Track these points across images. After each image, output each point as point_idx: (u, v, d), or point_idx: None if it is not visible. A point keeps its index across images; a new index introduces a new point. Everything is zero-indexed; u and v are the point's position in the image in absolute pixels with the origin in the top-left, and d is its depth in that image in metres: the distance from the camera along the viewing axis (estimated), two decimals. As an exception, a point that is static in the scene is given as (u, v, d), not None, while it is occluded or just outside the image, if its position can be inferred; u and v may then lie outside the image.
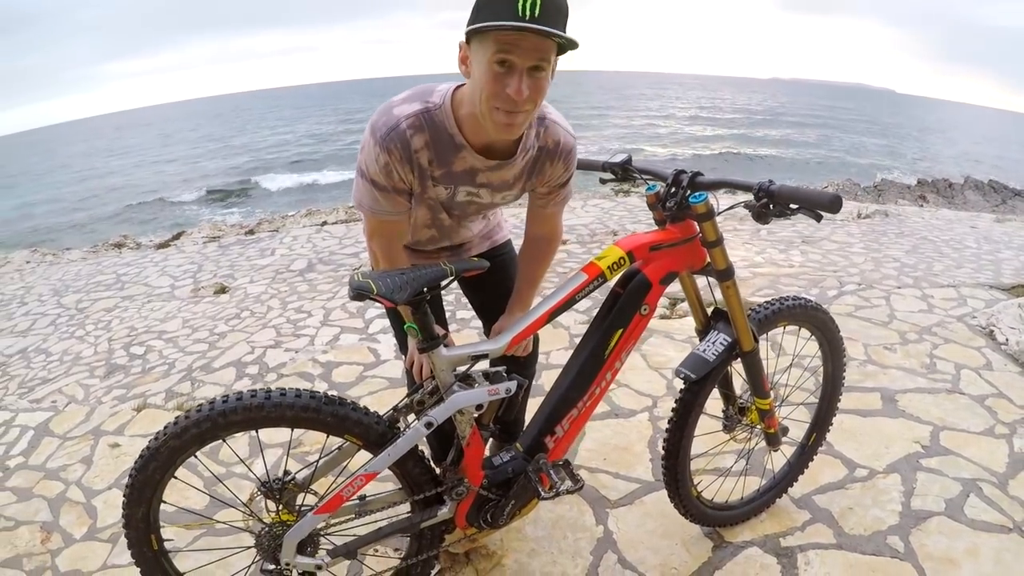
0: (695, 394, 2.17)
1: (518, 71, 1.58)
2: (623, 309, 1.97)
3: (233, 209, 28.63)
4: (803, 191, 1.70)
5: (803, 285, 5.62)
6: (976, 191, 23.79)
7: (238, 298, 6.53)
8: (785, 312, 2.29)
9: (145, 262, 8.95)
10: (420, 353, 1.83)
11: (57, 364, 5.49)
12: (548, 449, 2.04)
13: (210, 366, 4.86)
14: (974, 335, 4.57)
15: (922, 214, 10.36)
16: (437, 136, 1.80)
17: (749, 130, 57.55)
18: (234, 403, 1.68)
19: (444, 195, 1.93)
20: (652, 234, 1.96)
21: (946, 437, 3.31)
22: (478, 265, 1.83)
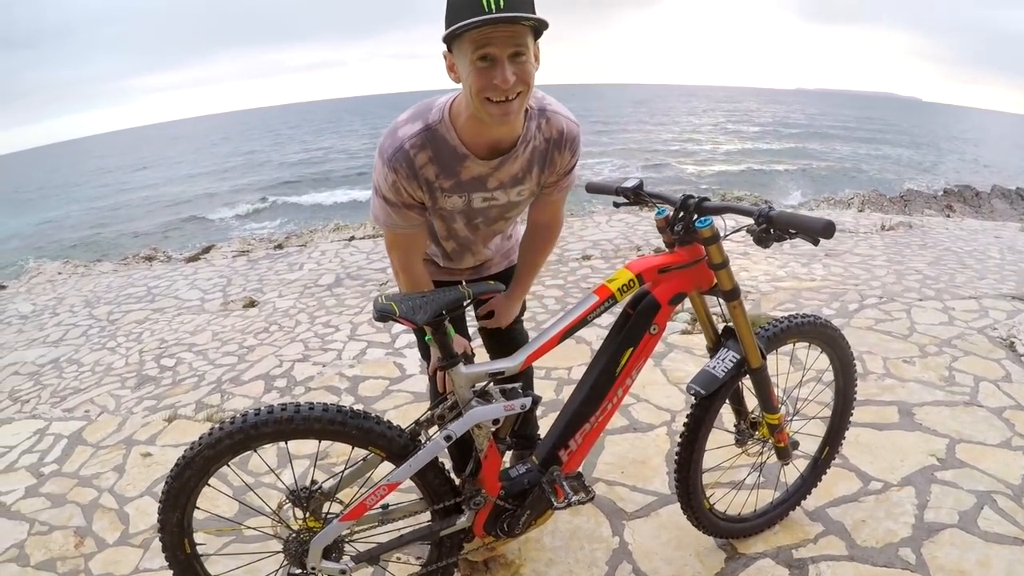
0: (705, 409, 2.24)
1: (500, 61, 1.65)
2: (633, 329, 2.05)
3: (264, 223, 28.91)
4: (799, 217, 1.77)
5: (824, 299, 5.65)
6: (1003, 199, 23.62)
7: (267, 312, 6.65)
8: (794, 330, 2.35)
9: (175, 275, 9.12)
10: (440, 370, 1.92)
11: (89, 374, 5.61)
12: (562, 462, 2.11)
13: (239, 379, 4.98)
14: (994, 347, 4.58)
15: (946, 225, 10.31)
16: (439, 150, 1.90)
17: (777, 143, 57.31)
18: (265, 416, 1.78)
19: (460, 204, 2.03)
20: (661, 257, 2.04)
21: (962, 450, 3.32)
22: (494, 288, 1.93)
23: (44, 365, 6.06)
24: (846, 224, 9.64)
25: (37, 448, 3.94)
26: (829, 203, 17.34)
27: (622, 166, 42.67)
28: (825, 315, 5.14)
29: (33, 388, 5.49)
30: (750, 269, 6.74)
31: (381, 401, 4.16)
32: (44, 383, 5.57)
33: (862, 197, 18.38)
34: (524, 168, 2.02)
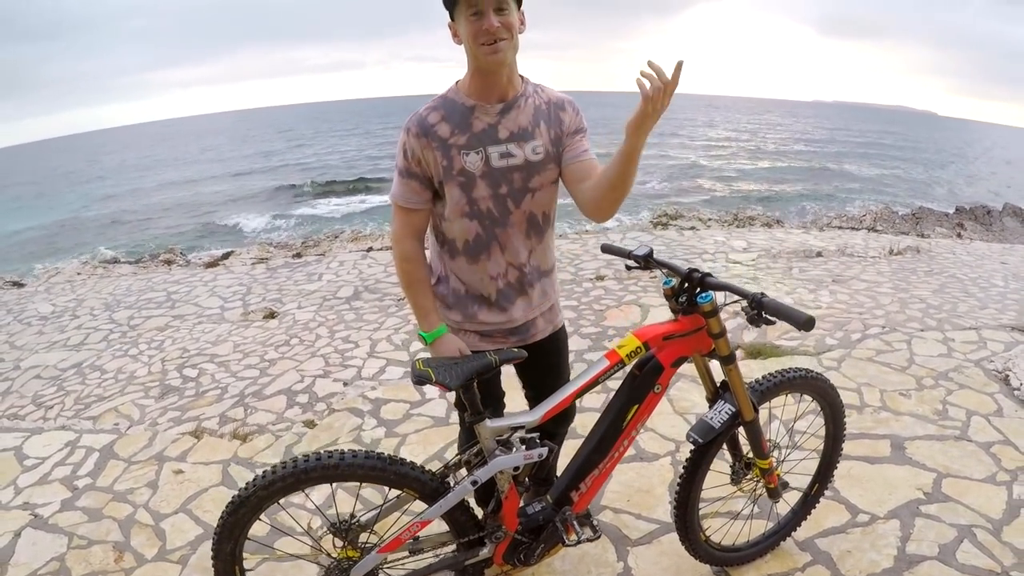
0: (702, 455, 2.48)
1: (487, 12, 2.02)
2: (639, 388, 2.27)
3: (279, 227, 28.94)
4: (784, 308, 2.01)
5: (828, 328, 5.81)
6: (1014, 217, 23.62)
7: (287, 324, 6.82)
8: (786, 384, 2.58)
9: (195, 281, 9.24)
10: (469, 426, 2.13)
11: (112, 382, 5.72)
12: (574, 502, 2.34)
13: (261, 392, 5.14)
14: (989, 380, 4.75)
15: (954, 248, 10.41)
16: (450, 109, 2.22)
17: (793, 158, 57.21)
18: (314, 462, 2.01)
19: (479, 162, 2.20)
20: (666, 326, 2.26)
21: (948, 484, 3.50)
22: (518, 356, 2.14)
23: (66, 370, 6.17)
24: (856, 247, 9.77)
25: (69, 460, 4.12)
26: (840, 219, 17.48)
27: (642, 181, 42.66)
28: (828, 344, 5.33)
29: (57, 394, 5.60)
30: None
31: (402, 424, 4.35)
32: (67, 389, 5.68)
33: (874, 214, 18.47)
34: (531, 121, 2.25)
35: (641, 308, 6.58)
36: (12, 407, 5.39)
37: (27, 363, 6.43)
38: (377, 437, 4.18)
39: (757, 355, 5.15)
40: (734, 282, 2.22)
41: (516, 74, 2.24)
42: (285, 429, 4.45)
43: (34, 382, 5.95)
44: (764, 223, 13.07)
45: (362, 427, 4.33)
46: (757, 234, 10.90)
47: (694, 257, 8.88)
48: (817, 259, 8.85)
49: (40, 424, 4.92)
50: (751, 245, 9.69)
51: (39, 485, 3.88)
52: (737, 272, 7.92)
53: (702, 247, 9.50)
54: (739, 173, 44.97)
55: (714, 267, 8.27)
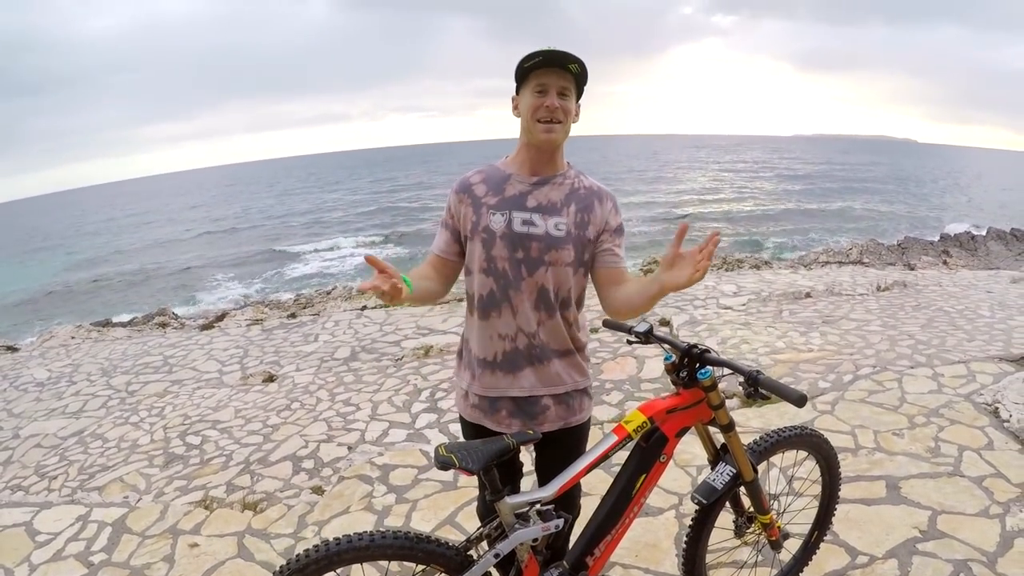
0: (706, 514, 2.62)
1: (551, 92, 2.25)
2: (646, 459, 2.39)
3: (266, 285, 28.99)
4: (779, 386, 2.15)
5: (820, 371, 5.92)
6: (999, 241, 23.90)
7: (286, 388, 6.88)
8: (783, 442, 2.72)
9: (191, 344, 9.27)
10: (489, 503, 2.22)
11: (115, 451, 5.74)
12: (588, 567, 2.44)
13: (266, 459, 5.19)
14: (979, 414, 4.87)
15: (940, 280, 10.56)
16: (491, 174, 2.45)
17: (775, 197, 57.66)
18: (346, 544, 2.11)
19: (503, 223, 2.34)
20: (668, 400, 2.39)
21: (943, 521, 3.60)
22: (533, 437, 2.26)
23: (67, 438, 6.19)
24: (843, 285, 9.93)
25: (82, 536, 4.15)
26: (828, 254, 17.61)
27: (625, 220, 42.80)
28: (821, 388, 5.44)
29: (59, 464, 5.62)
30: (751, 341, 6.99)
31: (412, 490, 4.40)
32: (70, 459, 5.70)
33: (860, 247, 18.65)
34: (563, 200, 2.37)
35: (636, 360, 6.67)
36: (15, 478, 5.41)
37: (26, 431, 6.44)
38: (388, 504, 4.24)
39: (752, 403, 5.24)
40: (726, 330, 2.37)
41: (561, 157, 2.42)
42: (294, 496, 4.51)
43: (35, 451, 5.97)
44: (752, 265, 13.19)
45: (372, 494, 4.38)
46: (746, 277, 11.07)
47: (685, 304, 8.99)
48: (806, 300, 8.99)
49: (46, 497, 4.94)
50: (741, 289, 9.84)
51: (54, 561, 3.91)
52: (728, 319, 8.04)
53: (692, 293, 9.60)
54: (725, 214, 45.29)
55: (706, 313, 8.40)
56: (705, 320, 8.04)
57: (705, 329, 7.60)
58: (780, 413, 4.94)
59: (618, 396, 5.87)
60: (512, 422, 2.47)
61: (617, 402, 5.75)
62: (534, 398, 2.45)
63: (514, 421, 2.47)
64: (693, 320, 8.08)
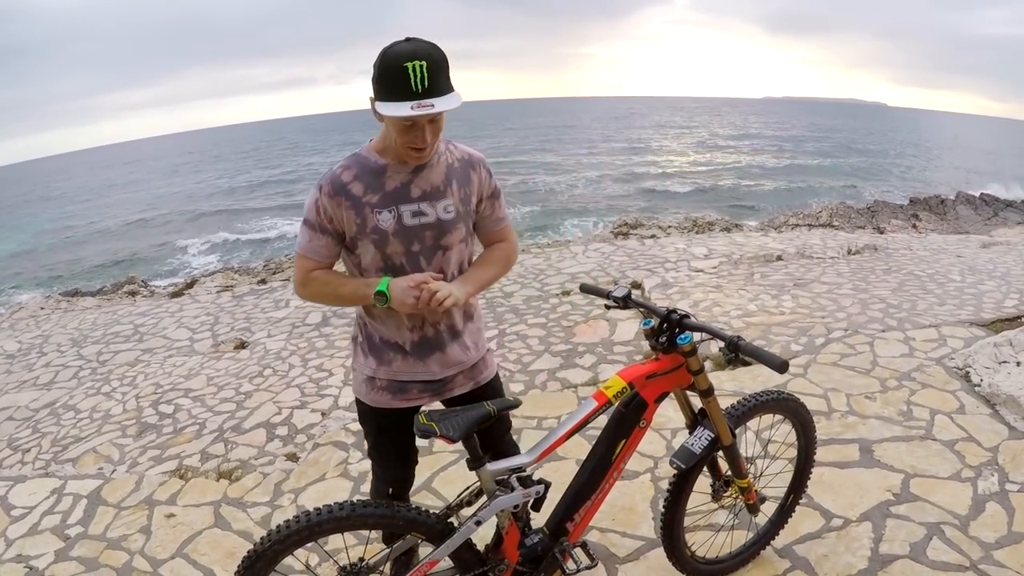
0: (685, 479, 2.63)
1: (420, 126, 2.09)
2: (626, 424, 2.40)
3: (236, 251, 28.72)
4: (759, 352, 2.13)
5: (792, 334, 5.93)
6: (968, 205, 24.16)
7: (258, 354, 6.84)
8: (760, 406, 2.73)
9: (161, 312, 9.20)
10: (470, 470, 2.21)
11: (87, 422, 5.70)
12: (569, 532, 2.46)
13: (240, 427, 5.18)
14: (950, 378, 4.90)
15: (911, 244, 10.61)
16: (363, 167, 2.26)
17: (747, 155, 57.85)
18: (327, 515, 2.11)
19: (392, 221, 2.24)
20: (648, 365, 2.39)
21: (916, 484, 3.64)
22: (513, 404, 2.26)
23: (39, 410, 6.15)
24: (814, 248, 9.95)
25: (58, 509, 4.10)
26: (798, 217, 17.74)
27: (596, 179, 42.89)
28: (793, 351, 5.46)
29: (32, 436, 5.58)
30: (723, 304, 7.00)
31: None
32: (43, 431, 5.66)
33: (830, 210, 18.76)
34: (444, 180, 2.32)
35: (609, 322, 6.68)
36: (-11, 451, 5.33)
37: (-2, 404, 6.32)
38: (364, 470, 4.21)
39: (726, 367, 5.26)
40: (697, 293, 2.38)
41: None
42: (269, 464, 4.50)
43: (7, 424, 5.94)
44: (723, 227, 13.23)
45: (348, 460, 4.36)
46: (717, 239, 11.06)
47: (656, 267, 8.99)
48: (777, 263, 8.99)
49: (19, 470, 4.90)
50: (712, 251, 9.84)
51: (30, 536, 3.87)
52: (700, 281, 8.04)
53: (664, 256, 9.62)
54: (694, 175, 45.36)
55: (677, 276, 8.39)
56: (677, 283, 8.03)
57: (677, 292, 7.60)
58: (753, 376, 4.95)
59: (591, 359, 5.89)
60: (423, 397, 2.50)
61: (590, 365, 5.77)
62: (445, 378, 2.50)
63: (424, 395, 2.50)
64: (665, 283, 8.08)
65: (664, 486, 3.57)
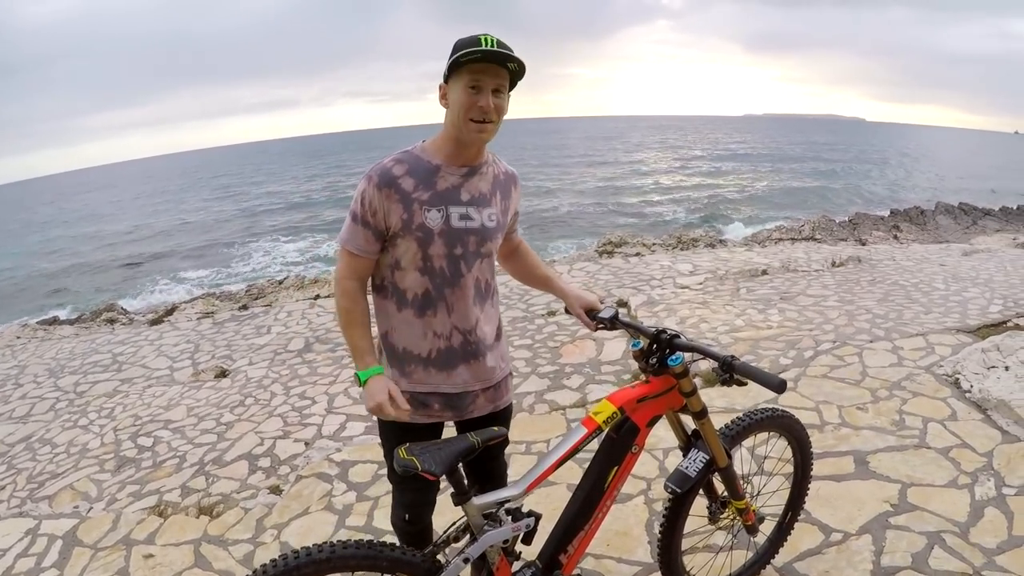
0: (681, 503, 2.54)
1: (485, 91, 2.14)
2: (617, 450, 2.31)
3: (217, 276, 28.43)
4: (756, 371, 2.07)
5: (781, 348, 5.90)
6: (947, 215, 24.34)
7: (240, 383, 6.70)
8: (755, 425, 2.66)
9: (140, 340, 9.02)
10: (455, 505, 2.09)
11: (64, 456, 5.54)
12: (562, 564, 2.35)
13: (221, 459, 5.04)
14: (940, 385, 4.89)
15: (893, 255, 10.61)
16: (416, 165, 2.26)
17: (730, 174, 58.12)
18: (305, 558, 1.98)
19: (439, 221, 2.24)
20: (638, 388, 2.31)
21: (913, 493, 3.60)
22: (498, 434, 2.15)
23: (14, 444, 5.98)
24: (799, 262, 9.93)
25: (32, 551, 3.96)
26: (780, 231, 17.74)
27: (580, 199, 42.90)
28: (783, 365, 5.41)
29: (7, 472, 5.42)
30: (709, 320, 6.95)
31: (373, 487, 4.26)
32: (18, 466, 5.50)
33: (812, 224, 18.80)
34: (490, 189, 2.36)
35: (596, 342, 6.60)
36: (-38, 491, 5.17)
37: (-28, 439, 6.16)
38: (349, 502, 4.10)
39: (717, 383, 5.19)
40: (684, 309, 2.30)
41: (485, 146, 2.33)
42: (251, 498, 4.37)
43: (-19, 459, 5.73)
44: (708, 243, 13.21)
45: (332, 493, 4.24)
46: (702, 255, 11.03)
47: (642, 284, 8.93)
48: (763, 277, 8.97)
49: (-4, 512, 4.75)
50: (697, 268, 9.80)
51: (2, 581, 3.73)
52: (686, 298, 7.99)
53: (649, 273, 9.57)
54: (678, 191, 45.52)
55: (663, 293, 8.33)
56: (663, 300, 7.98)
57: (663, 309, 7.55)
58: (743, 392, 4.85)
59: (579, 380, 5.78)
60: (444, 414, 2.44)
61: (578, 386, 5.66)
62: (467, 393, 2.44)
63: (445, 412, 2.44)
64: (651, 300, 8.02)
65: (658, 508, 3.50)
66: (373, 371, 2.26)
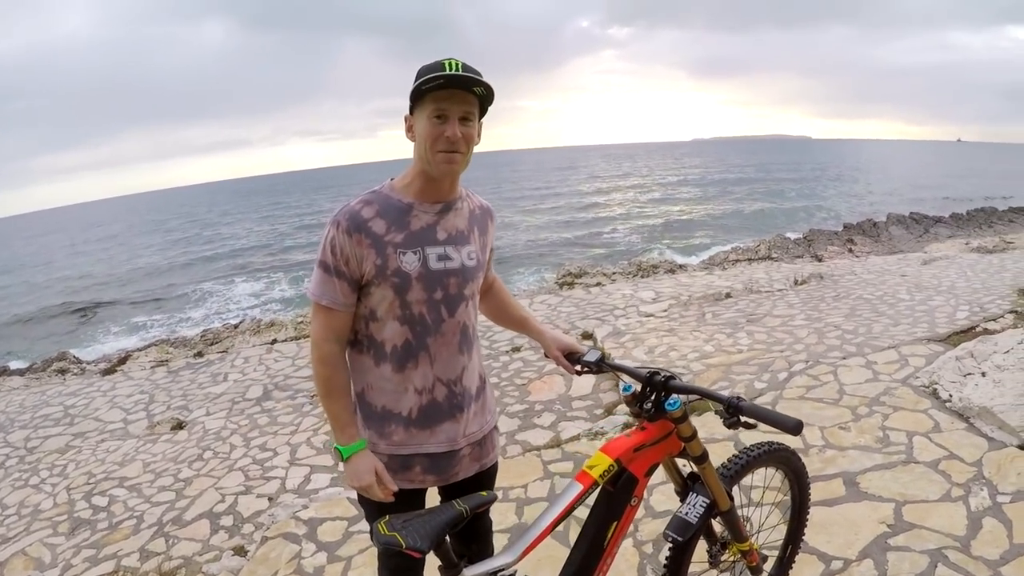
0: (683, 552, 2.32)
1: (451, 119, 1.98)
2: (615, 504, 2.13)
3: (171, 321, 27.96)
4: (766, 412, 1.90)
5: (754, 371, 5.83)
6: (899, 225, 24.68)
7: (197, 435, 6.44)
8: (753, 462, 2.49)
9: (92, 391, 8.71)
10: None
11: (15, 519, 5.28)
12: None
13: (181, 518, 4.78)
14: (920, 397, 4.86)
15: (854, 268, 10.68)
16: (386, 205, 2.09)
17: (682, 202, 58.61)
18: None
19: (416, 263, 2.06)
20: (634, 437, 2.14)
21: (908, 511, 3.52)
22: (487, 500, 1.97)
23: (-37, 507, 5.65)
24: (760, 282, 9.92)
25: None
26: (737, 252, 17.84)
27: (536, 231, 42.93)
28: (758, 389, 5.33)
29: (-45, 540, 5.09)
30: (678, 347, 6.87)
31: (344, 546, 4.00)
32: (-33, 531, 5.18)
33: (768, 243, 18.94)
34: (467, 225, 2.20)
35: (564, 378, 6.44)
36: (-94, 558, 4.87)
37: (-83, 501, 5.84)
38: (319, 564, 3.84)
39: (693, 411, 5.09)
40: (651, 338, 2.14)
41: (458, 180, 2.19)
42: (215, 560, 4.12)
43: (-72, 527, 5.42)
44: (668, 269, 13.26)
45: (301, 555, 3.97)
46: (663, 282, 11.01)
47: (605, 315, 8.80)
48: (727, 300, 8.94)
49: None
50: (659, 294, 9.73)
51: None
52: (652, 326, 7.89)
53: (611, 303, 9.46)
54: (632, 219, 45.70)
55: (628, 323, 8.22)
56: (629, 330, 7.87)
57: (630, 339, 7.44)
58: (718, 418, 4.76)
59: (550, 417, 5.62)
60: (427, 478, 2.23)
61: (550, 424, 5.50)
62: (453, 451, 2.23)
63: (428, 477, 2.23)
64: (617, 331, 7.90)
65: (648, 551, 3.38)
66: (356, 446, 2.09)
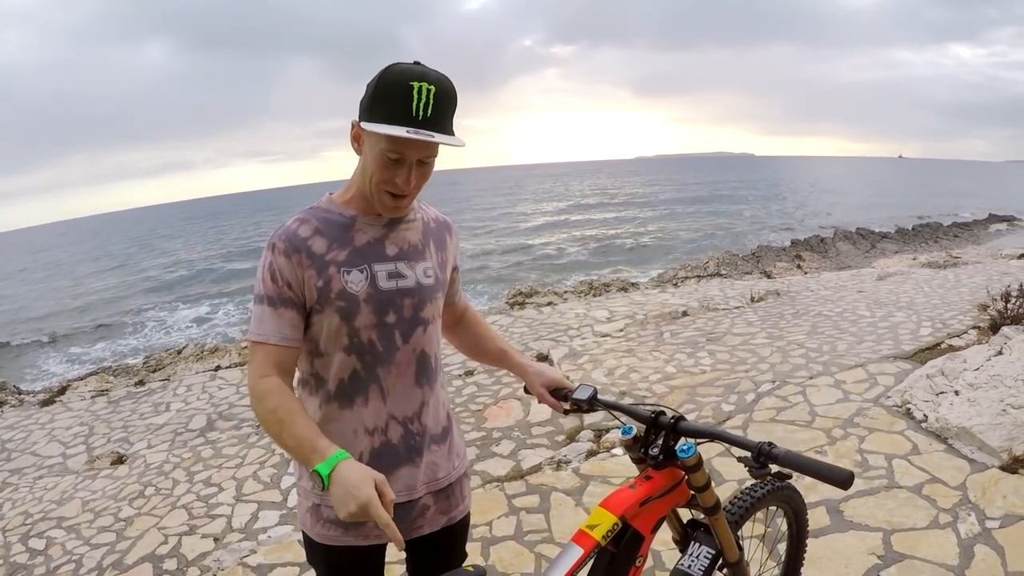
0: None
1: (408, 164, 1.70)
2: (619, 567, 1.83)
3: (118, 346, 27.29)
4: (810, 463, 1.61)
5: (720, 393, 5.69)
6: (846, 241, 25.12)
7: (138, 470, 6.10)
8: (758, 504, 2.26)
9: (30, 424, 8.28)
10: None
11: None
12: None
13: (122, 562, 4.46)
14: (894, 418, 4.76)
15: (809, 285, 10.69)
16: (325, 221, 1.83)
17: (625, 222, 58.94)
18: None
19: (363, 283, 1.80)
20: (639, 489, 1.83)
21: (897, 540, 3.40)
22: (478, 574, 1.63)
23: None
24: (715, 300, 9.85)
25: None
26: (687, 269, 17.89)
27: (484, 251, 42.77)
28: (726, 411, 5.21)
29: None
30: (639, 368, 6.71)
31: None
32: None
33: (716, 259, 19.04)
34: (421, 240, 1.95)
35: (521, 402, 6.20)
36: None
37: None
38: (272, 620, 3.54)
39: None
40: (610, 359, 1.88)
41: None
42: (157, 610, 3.83)
43: None
44: (620, 287, 13.16)
45: (250, 608, 3.67)
46: (616, 300, 10.87)
47: (559, 335, 8.60)
48: (684, 319, 8.81)
49: None
50: (614, 314, 9.59)
51: None
52: (609, 347, 7.71)
53: (565, 323, 9.28)
54: (580, 238, 45.75)
55: (584, 343, 8.02)
56: (585, 350, 7.69)
57: (588, 360, 7.25)
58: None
59: (509, 445, 5.37)
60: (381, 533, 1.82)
61: (509, 452, 5.24)
62: (412, 502, 1.94)
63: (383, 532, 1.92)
64: (573, 352, 7.70)
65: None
66: (337, 457, 1.56)
